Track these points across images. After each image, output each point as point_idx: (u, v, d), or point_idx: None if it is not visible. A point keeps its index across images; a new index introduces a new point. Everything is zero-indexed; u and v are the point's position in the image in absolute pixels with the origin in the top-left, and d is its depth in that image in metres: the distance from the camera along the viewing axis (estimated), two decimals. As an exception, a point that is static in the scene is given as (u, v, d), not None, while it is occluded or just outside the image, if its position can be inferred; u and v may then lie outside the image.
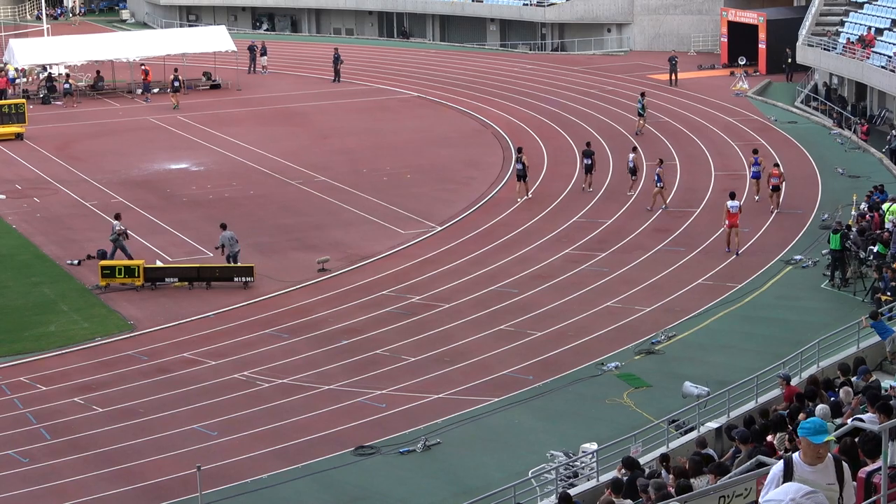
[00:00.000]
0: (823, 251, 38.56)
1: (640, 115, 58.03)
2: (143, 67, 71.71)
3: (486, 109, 65.29)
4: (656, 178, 45.46)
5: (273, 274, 39.92)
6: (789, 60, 67.93)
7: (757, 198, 45.85)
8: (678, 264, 39.68)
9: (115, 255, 40.53)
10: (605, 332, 34.16)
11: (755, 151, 48.25)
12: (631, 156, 47.95)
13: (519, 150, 49.50)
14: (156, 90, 71.59)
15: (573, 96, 68.08)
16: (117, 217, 41.62)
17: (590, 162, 48.63)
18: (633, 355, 32.32)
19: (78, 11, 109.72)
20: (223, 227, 40.32)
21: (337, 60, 74.46)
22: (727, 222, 40.41)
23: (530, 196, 47.96)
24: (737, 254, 40.07)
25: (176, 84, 69.08)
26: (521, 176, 47.89)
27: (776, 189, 44.81)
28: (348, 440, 27.91)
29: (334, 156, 56.03)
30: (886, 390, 21.47)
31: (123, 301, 38.01)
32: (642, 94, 58.86)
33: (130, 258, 40.34)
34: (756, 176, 46.45)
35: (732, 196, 41.06)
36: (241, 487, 25.98)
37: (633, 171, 47.56)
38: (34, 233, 45.22)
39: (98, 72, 73.50)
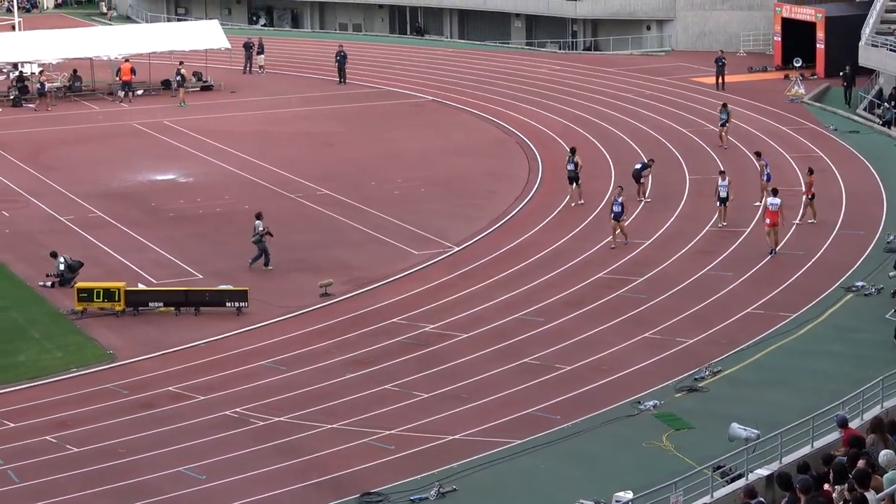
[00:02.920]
0: (891, 274, 38.35)
1: (722, 125, 57.66)
2: (125, 63, 71.88)
3: (510, 115, 65.40)
4: (619, 208, 43.56)
5: (270, 299, 40.00)
6: (847, 72, 66.56)
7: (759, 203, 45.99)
8: (725, 291, 39.66)
9: (260, 258, 42.45)
10: (643, 366, 34.13)
11: (759, 154, 49.56)
12: (722, 182, 45.94)
13: (572, 151, 50.20)
14: (139, 91, 71.87)
15: (607, 101, 68.17)
16: (258, 216, 42.86)
17: (639, 167, 49.55)
18: (673, 393, 32.30)
19: (112, 5, 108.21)
20: (54, 255, 41.75)
21: (342, 59, 74.70)
22: (768, 220, 42.36)
23: (582, 202, 48.87)
24: (774, 252, 42.11)
25: (178, 79, 70.21)
26: (573, 178, 49.09)
27: (813, 197, 45.43)
28: (353, 486, 27.92)
29: (339, 166, 56.17)
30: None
31: (102, 328, 38.11)
32: (724, 105, 58.78)
33: (268, 262, 42.42)
34: (768, 178, 47.33)
35: (775, 193, 42.80)
36: (233, 538, 26.04)
37: (724, 200, 45.75)
38: (1, 250, 45.39)
39: (75, 71, 73.78)
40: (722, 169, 48.55)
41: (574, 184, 49.28)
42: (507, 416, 31.20)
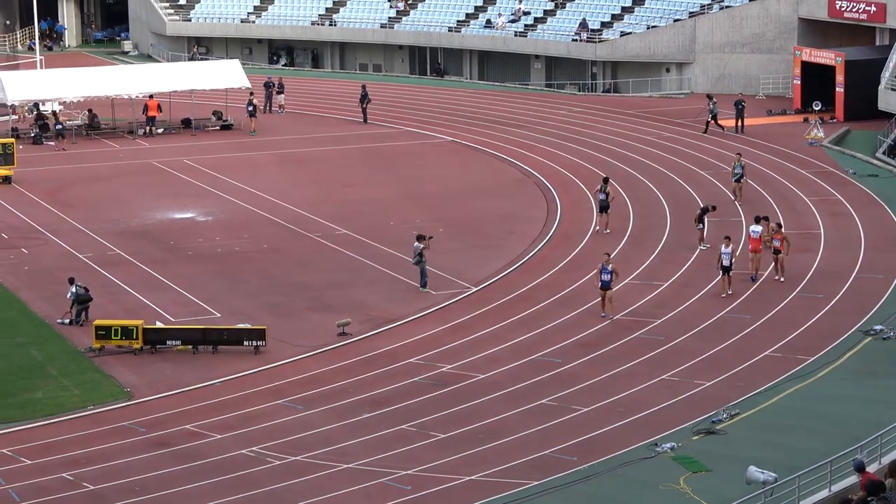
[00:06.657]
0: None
1: (737, 181, 55.39)
2: (151, 100, 72.19)
3: (529, 157, 65.52)
4: (608, 276, 41.06)
5: (287, 338, 40.06)
6: (711, 119, 69.32)
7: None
8: (743, 333, 39.62)
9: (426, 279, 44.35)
10: (660, 408, 34.08)
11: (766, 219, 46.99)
12: (726, 249, 42.88)
13: (605, 180, 51.96)
14: (160, 130, 72.20)
15: (626, 143, 68.25)
16: (419, 238, 44.45)
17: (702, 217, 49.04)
18: (690, 435, 32.23)
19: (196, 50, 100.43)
20: (71, 281, 42.22)
21: (364, 99, 74.98)
22: (750, 247, 44.88)
23: (609, 231, 50.43)
24: (753, 279, 44.17)
25: (251, 109, 72.31)
26: (604, 207, 50.89)
27: (777, 253, 44.43)
28: (368, 526, 27.91)
29: (358, 206, 56.31)
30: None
31: (119, 365, 38.19)
32: (739, 155, 57.22)
33: (425, 281, 44.28)
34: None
35: (757, 220, 45.57)
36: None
37: (727, 269, 43.12)
38: (21, 287, 45.55)
39: (90, 110, 73.89)
40: (728, 235, 44.90)
41: (604, 212, 50.91)
42: (524, 458, 31.15)
